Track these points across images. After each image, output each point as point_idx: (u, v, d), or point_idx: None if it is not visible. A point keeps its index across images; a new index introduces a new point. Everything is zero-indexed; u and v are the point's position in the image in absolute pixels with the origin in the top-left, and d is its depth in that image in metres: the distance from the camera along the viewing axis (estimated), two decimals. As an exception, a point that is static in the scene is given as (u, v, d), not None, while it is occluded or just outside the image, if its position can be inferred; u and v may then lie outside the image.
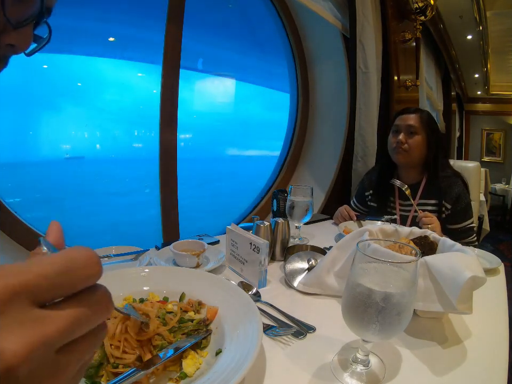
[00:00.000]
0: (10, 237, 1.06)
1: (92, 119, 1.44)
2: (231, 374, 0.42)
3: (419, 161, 1.34)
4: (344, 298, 0.47)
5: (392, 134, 1.38)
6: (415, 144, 1.30)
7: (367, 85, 1.72)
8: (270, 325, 0.61)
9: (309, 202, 1.10)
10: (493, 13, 3.69)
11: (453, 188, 1.27)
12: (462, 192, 1.26)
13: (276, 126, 2.13)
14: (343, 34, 1.80)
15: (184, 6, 1.32)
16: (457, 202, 1.25)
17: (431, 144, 1.31)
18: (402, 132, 1.33)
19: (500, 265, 0.91)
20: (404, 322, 0.44)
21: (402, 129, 1.33)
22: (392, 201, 1.41)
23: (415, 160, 1.33)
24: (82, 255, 0.20)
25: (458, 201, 1.25)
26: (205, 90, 1.99)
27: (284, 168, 1.99)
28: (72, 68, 1.31)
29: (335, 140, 1.92)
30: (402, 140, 1.31)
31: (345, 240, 0.77)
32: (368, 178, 1.53)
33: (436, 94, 4.31)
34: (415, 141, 1.30)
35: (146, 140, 1.60)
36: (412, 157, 1.32)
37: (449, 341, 0.59)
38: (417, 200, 1.31)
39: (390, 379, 0.49)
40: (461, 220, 1.25)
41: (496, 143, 7.19)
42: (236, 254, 0.87)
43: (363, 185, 1.54)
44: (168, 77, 1.32)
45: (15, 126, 1.25)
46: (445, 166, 1.34)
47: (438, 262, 0.60)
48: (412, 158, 1.33)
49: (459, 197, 1.25)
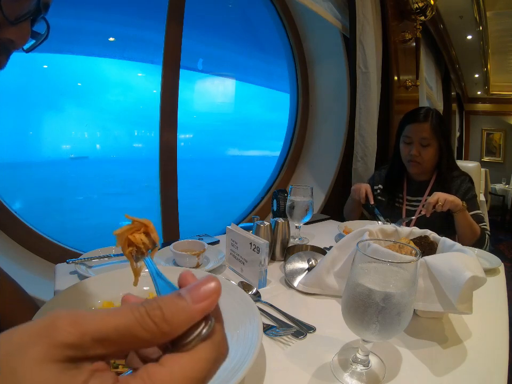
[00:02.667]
0: (10, 237, 1.07)
1: (92, 119, 1.44)
2: (231, 374, 0.42)
3: (432, 166, 1.36)
4: (344, 298, 0.47)
5: (404, 145, 1.36)
6: (428, 156, 1.31)
7: (367, 85, 1.72)
8: (270, 325, 0.61)
9: (309, 202, 1.10)
10: (493, 13, 3.69)
11: (461, 185, 1.30)
12: (470, 187, 1.30)
13: (276, 126, 2.13)
14: (343, 34, 1.80)
15: (184, 6, 1.32)
16: (466, 194, 1.28)
17: (443, 150, 1.32)
18: (415, 144, 1.31)
19: (500, 265, 0.90)
20: (404, 322, 0.44)
21: (414, 141, 1.32)
22: (401, 197, 1.43)
23: (427, 168, 1.36)
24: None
25: (466, 194, 1.28)
26: (205, 90, 1.99)
27: (283, 168, 2.00)
28: (72, 68, 1.31)
29: (335, 139, 1.92)
30: (415, 153, 1.31)
31: (345, 240, 0.77)
32: (379, 173, 1.55)
33: (436, 94, 4.31)
34: (429, 153, 1.30)
35: (147, 140, 1.60)
36: (425, 167, 1.34)
37: (449, 341, 0.59)
38: (426, 197, 1.33)
39: (390, 379, 0.49)
40: (471, 209, 1.26)
41: (496, 143, 7.19)
42: (235, 254, 0.87)
43: (373, 179, 1.56)
44: (168, 77, 1.32)
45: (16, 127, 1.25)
46: (453, 166, 1.36)
47: (438, 262, 0.60)
48: (425, 168, 1.35)
49: (467, 191, 1.29)
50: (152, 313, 0.18)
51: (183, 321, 0.18)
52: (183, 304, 0.19)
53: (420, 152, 1.30)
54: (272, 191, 1.85)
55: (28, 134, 1.30)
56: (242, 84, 2.18)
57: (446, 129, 1.34)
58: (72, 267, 0.80)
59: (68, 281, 0.76)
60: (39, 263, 1.10)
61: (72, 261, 0.81)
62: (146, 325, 0.17)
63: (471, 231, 1.18)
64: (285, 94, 2.02)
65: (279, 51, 1.97)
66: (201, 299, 0.19)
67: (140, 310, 0.18)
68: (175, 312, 0.18)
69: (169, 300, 0.19)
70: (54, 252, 1.14)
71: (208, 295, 0.19)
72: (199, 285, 0.19)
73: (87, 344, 0.16)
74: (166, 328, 0.18)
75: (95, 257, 0.85)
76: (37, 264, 1.09)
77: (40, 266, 1.09)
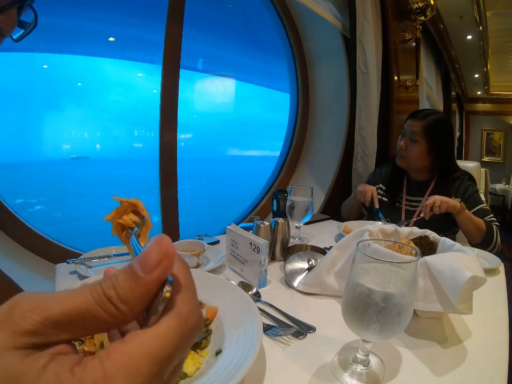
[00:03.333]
0: (10, 237, 1.07)
1: (92, 119, 1.44)
2: (231, 374, 0.42)
3: (421, 166, 1.36)
4: (344, 298, 0.47)
5: (400, 137, 1.41)
6: (412, 152, 1.33)
7: (367, 85, 1.72)
8: (270, 325, 0.61)
9: (309, 202, 1.10)
10: (493, 13, 3.69)
11: (460, 186, 1.31)
12: (469, 185, 1.31)
13: (276, 126, 2.13)
14: (343, 34, 1.80)
15: (184, 6, 1.32)
16: (465, 193, 1.29)
17: (433, 151, 1.31)
18: (406, 137, 1.35)
19: (500, 265, 0.90)
20: (404, 322, 0.44)
21: (406, 134, 1.35)
22: (400, 196, 1.44)
23: (415, 166, 1.37)
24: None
25: (467, 191, 1.29)
26: (205, 90, 1.99)
27: (284, 168, 1.99)
28: (72, 68, 1.31)
29: (335, 139, 1.92)
30: (402, 145, 1.36)
31: (345, 240, 0.77)
32: (379, 172, 1.55)
33: (436, 94, 4.31)
34: (413, 149, 1.33)
35: (147, 140, 1.60)
36: (410, 164, 1.37)
37: (449, 341, 0.59)
38: (426, 198, 1.34)
39: (390, 379, 0.49)
40: (474, 205, 1.27)
41: (496, 143, 7.18)
42: (235, 254, 0.87)
43: (374, 178, 1.55)
44: (168, 77, 1.32)
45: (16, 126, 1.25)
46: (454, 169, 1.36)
47: (438, 262, 0.60)
48: (411, 165, 1.37)
49: (467, 189, 1.30)
50: (108, 293, 0.17)
51: (140, 297, 0.17)
52: (136, 277, 0.17)
53: (407, 146, 1.34)
54: (272, 191, 1.85)
55: (28, 134, 1.30)
56: (242, 83, 2.18)
57: (440, 134, 1.32)
58: (72, 267, 0.80)
59: (67, 281, 0.76)
60: (39, 263, 1.10)
61: (72, 261, 0.81)
62: (105, 305, 0.16)
63: (476, 228, 1.18)
64: (285, 94, 2.03)
65: (279, 51, 1.97)
66: (153, 267, 0.17)
67: (98, 290, 0.17)
68: (129, 289, 0.17)
69: (122, 275, 0.17)
70: (54, 252, 1.14)
71: (160, 259, 0.17)
72: (149, 251, 0.17)
73: (49, 329, 0.16)
74: (123, 308, 0.17)
75: (95, 257, 0.86)
76: (37, 264, 1.09)
77: (40, 266, 1.09)
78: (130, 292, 0.17)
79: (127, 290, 0.17)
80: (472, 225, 1.18)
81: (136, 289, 0.17)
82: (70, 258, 0.83)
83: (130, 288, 0.17)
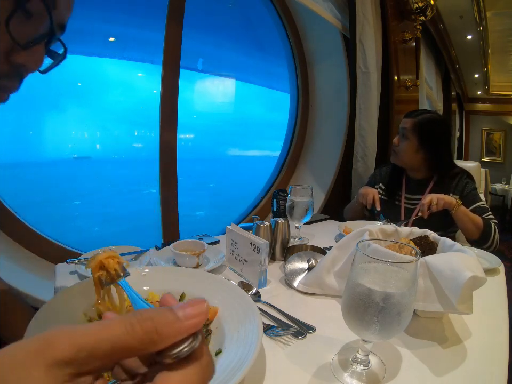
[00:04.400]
0: (10, 237, 1.06)
1: (92, 119, 1.44)
2: (231, 374, 0.41)
3: (414, 163, 1.37)
4: (344, 298, 0.47)
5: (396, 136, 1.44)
6: (403, 148, 1.36)
7: (367, 85, 1.72)
8: (270, 325, 0.61)
9: (309, 202, 1.10)
10: (493, 13, 3.69)
11: (458, 184, 1.32)
12: (467, 183, 1.32)
13: (276, 126, 2.13)
14: (343, 34, 1.80)
15: (184, 6, 1.32)
16: (464, 189, 1.30)
17: (424, 149, 1.32)
18: (399, 134, 1.39)
19: (500, 265, 0.91)
20: (404, 322, 0.44)
21: (399, 131, 1.39)
22: (399, 195, 1.45)
23: (407, 163, 1.39)
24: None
25: (465, 189, 1.30)
26: (205, 90, 1.99)
27: (284, 168, 2.00)
28: (72, 68, 1.31)
29: (335, 140, 1.93)
30: (395, 142, 1.40)
31: (345, 240, 0.77)
32: (379, 173, 1.57)
33: (436, 94, 4.31)
34: (404, 145, 1.36)
35: (147, 140, 1.60)
36: (401, 160, 1.39)
37: (449, 341, 0.59)
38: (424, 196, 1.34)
39: (390, 379, 0.49)
40: (472, 202, 1.27)
41: (496, 143, 7.19)
42: (235, 254, 0.86)
43: (374, 178, 1.57)
44: (168, 77, 1.32)
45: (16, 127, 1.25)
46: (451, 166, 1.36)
47: (438, 262, 0.60)
48: (402, 161, 1.39)
49: (464, 186, 1.31)
50: (144, 324, 0.19)
51: (172, 333, 0.19)
52: (174, 317, 0.20)
53: (399, 143, 1.38)
54: (272, 191, 1.85)
55: (28, 134, 1.30)
56: (242, 83, 2.18)
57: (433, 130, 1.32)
58: (72, 267, 0.80)
59: (68, 281, 0.76)
60: (39, 263, 1.10)
61: (72, 261, 0.81)
62: (136, 334, 0.18)
63: (473, 224, 1.19)
64: (285, 94, 2.02)
65: (279, 51, 1.97)
66: (192, 316, 0.20)
67: (131, 321, 0.19)
68: (165, 324, 0.19)
69: (160, 312, 0.20)
70: (54, 252, 1.14)
71: (198, 314, 0.20)
72: (190, 304, 0.21)
73: (83, 358, 0.17)
74: (155, 337, 0.19)
75: (95, 257, 0.85)
76: (37, 264, 1.09)
77: (40, 266, 1.09)
78: (165, 326, 0.19)
79: (162, 324, 0.19)
80: (469, 221, 1.19)
81: (171, 326, 0.19)
82: (70, 258, 0.83)
83: (166, 323, 0.19)
